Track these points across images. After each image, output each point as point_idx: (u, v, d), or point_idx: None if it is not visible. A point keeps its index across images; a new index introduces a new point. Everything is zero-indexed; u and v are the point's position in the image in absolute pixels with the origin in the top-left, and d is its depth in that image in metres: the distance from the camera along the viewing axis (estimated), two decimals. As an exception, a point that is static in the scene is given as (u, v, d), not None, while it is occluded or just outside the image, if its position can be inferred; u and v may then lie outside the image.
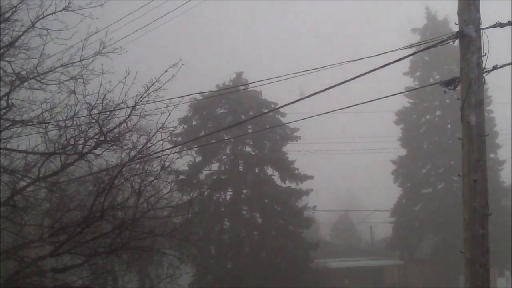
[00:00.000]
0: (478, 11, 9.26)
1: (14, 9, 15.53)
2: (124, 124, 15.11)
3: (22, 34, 15.69)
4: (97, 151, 15.27)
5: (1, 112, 15.39)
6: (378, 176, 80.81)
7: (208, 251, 34.75)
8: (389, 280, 49.28)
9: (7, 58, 15.69)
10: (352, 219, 72.61)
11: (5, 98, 15.50)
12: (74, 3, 15.65)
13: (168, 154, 16.52)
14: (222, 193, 36.53)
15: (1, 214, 14.66)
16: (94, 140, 15.13)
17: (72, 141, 15.07)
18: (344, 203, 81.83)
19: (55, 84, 15.82)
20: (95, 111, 14.71)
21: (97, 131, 14.96)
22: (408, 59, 41.76)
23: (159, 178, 16.64)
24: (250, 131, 35.99)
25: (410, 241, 44.92)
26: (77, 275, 16.95)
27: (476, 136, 9.09)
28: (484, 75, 9.26)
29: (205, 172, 36.31)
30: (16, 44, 15.71)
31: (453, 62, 40.23)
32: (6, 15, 15.56)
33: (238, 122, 33.71)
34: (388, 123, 47.63)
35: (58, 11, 15.53)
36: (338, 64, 12.11)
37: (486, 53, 9.20)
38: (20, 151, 15.45)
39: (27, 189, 15.39)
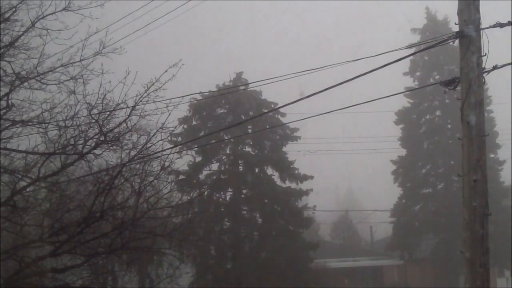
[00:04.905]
0: (478, 11, 9.26)
1: (14, 9, 15.53)
2: (124, 124, 15.13)
3: (22, 34, 15.69)
4: (97, 151, 15.27)
5: (1, 112, 15.39)
6: (378, 176, 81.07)
7: (208, 251, 34.73)
8: (389, 280, 49.31)
9: (7, 58, 15.69)
10: (352, 219, 72.62)
11: (5, 98, 15.50)
12: (74, 3, 15.66)
13: (168, 154, 16.56)
14: (222, 193, 36.52)
15: (1, 214, 14.66)
16: (94, 140, 15.13)
17: (72, 141, 15.07)
18: (344, 203, 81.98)
19: (55, 84, 15.82)
20: (95, 111, 14.73)
21: (97, 131, 14.97)
22: (408, 59, 41.82)
23: (159, 178, 16.68)
24: (250, 131, 35.97)
25: (410, 241, 44.89)
26: (77, 275, 16.95)
27: (476, 136, 9.09)
28: (484, 75, 9.25)
29: (205, 172, 36.32)
30: (16, 44, 15.70)
31: (453, 62, 40.25)
32: (6, 15, 15.56)
33: (238, 122, 33.70)
34: (388, 123, 47.67)
35: (58, 11, 15.54)
36: (338, 64, 12.14)
37: (486, 53, 9.20)
38: (20, 151, 15.44)
39: (27, 189, 15.39)
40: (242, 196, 36.18)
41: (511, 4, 24.56)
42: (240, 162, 36.57)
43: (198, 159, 35.74)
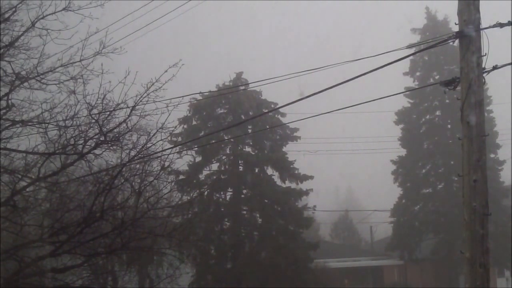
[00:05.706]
0: (478, 11, 9.26)
1: (14, 9, 15.54)
2: (124, 124, 15.13)
3: (22, 34, 15.69)
4: (97, 151, 15.28)
5: (1, 112, 15.39)
6: (378, 176, 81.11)
7: (208, 251, 34.73)
8: (389, 280, 49.29)
9: (7, 58, 15.69)
10: (352, 219, 72.64)
11: (5, 98, 15.51)
12: (74, 3, 15.67)
13: (168, 154, 16.56)
14: (222, 193, 36.51)
15: (1, 214, 14.66)
16: (94, 140, 15.13)
17: (72, 141, 15.07)
18: (344, 203, 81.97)
19: (55, 84, 15.83)
20: (95, 111, 14.73)
21: (97, 131, 14.97)
22: (408, 59, 41.83)
23: (159, 178, 16.69)
24: (250, 131, 35.96)
25: (410, 241, 44.88)
26: (77, 275, 16.98)
27: (476, 136, 9.09)
28: (484, 75, 9.26)
29: (205, 172, 36.30)
30: (16, 44, 15.70)
31: (453, 62, 40.27)
32: (6, 15, 15.56)
33: (238, 122, 33.71)
34: (388, 123, 47.65)
35: (58, 11, 15.54)
36: (338, 64, 12.16)
37: (486, 53, 9.21)
38: (20, 151, 15.44)
39: (27, 189, 15.39)
40: (242, 196, 36.18)
41: (511, 4, 24.58)
42: (240, 162, 36.57)
43: (198, 159, 35.74)
